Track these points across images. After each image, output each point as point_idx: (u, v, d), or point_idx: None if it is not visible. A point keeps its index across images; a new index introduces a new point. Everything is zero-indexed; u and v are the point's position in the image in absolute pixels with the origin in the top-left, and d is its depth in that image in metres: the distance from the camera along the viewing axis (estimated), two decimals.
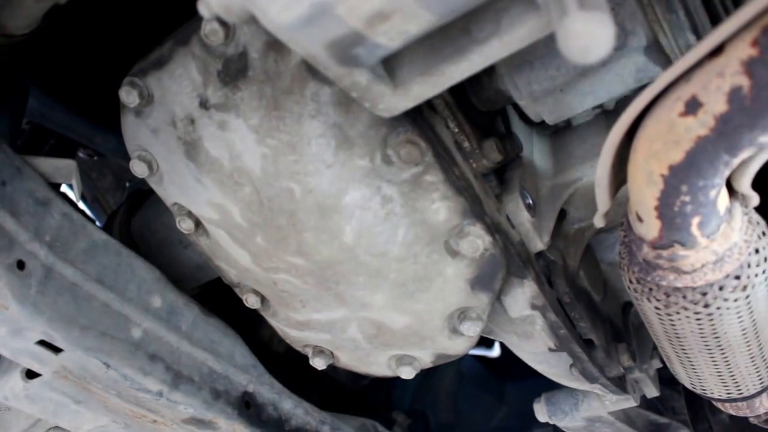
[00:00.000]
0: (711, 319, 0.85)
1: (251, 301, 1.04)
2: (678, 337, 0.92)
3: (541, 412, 1.28)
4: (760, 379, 0.99)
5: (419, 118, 0.87)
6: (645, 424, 1.36)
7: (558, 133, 1.12)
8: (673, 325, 0.89)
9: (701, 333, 0.88)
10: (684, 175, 0.71)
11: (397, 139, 0.83)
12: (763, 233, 0.84)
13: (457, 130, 0.91)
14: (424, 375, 2.10)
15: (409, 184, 0.86)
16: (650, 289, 0.86)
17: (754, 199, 0.82)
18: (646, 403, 1.39)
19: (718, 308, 0.83)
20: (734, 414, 1.14)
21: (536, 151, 1.08)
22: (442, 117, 0.90)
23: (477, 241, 0.88)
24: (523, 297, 0.98)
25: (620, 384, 1.17)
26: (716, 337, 0.89)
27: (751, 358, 0.94)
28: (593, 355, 1.09)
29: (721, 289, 0.82)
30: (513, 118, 1.07)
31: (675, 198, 0.73)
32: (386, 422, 1.77)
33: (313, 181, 0.86)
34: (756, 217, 0.84)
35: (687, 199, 0.73)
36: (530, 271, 0.97)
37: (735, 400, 1.05)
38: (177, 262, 1.18)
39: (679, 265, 0.81)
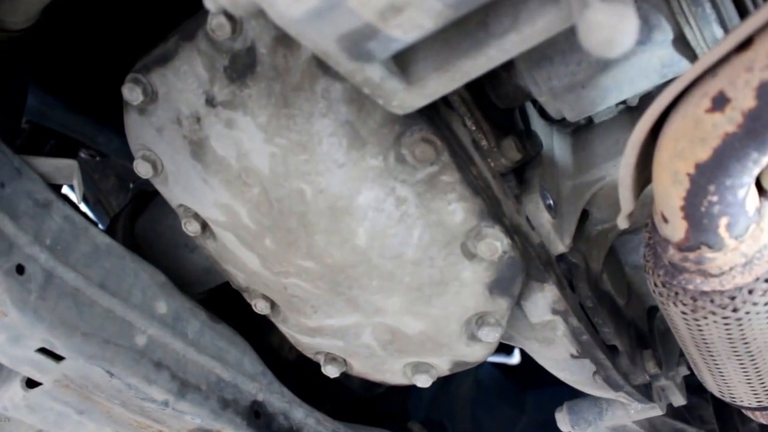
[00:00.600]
0: (740, 325, 0.85)
1: (260, 307, 1.04)
2: (705, 343, 0.91)
3: (564, 421, 1.27)
4: (758, 393, 0.99)
5: (435, 115, 0.87)
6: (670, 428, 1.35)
7: (580, 130, 1.12)
8: (700, 330, 0.88)
9: (729, 339, 0.88)
10: (711, 174, 0.71)
11: (411, 137, 0.83)
12: None
13: (474, 128, 0.91)
14: (441, 383, 2.09)
15: (424, 185, 0.86)
16: (676, 293, 0.85)
17: None
18: (672, 412, 1.38)
19: (747, 313, 0.83)
20: (765, 423, 1.13)
21: (557, 150, 1.08)
22: (459, 114, 0.90)
23: (495, 243, 0.88)
24: (543, 301, 0.98)
25: (646, 392, 1.16)
26: (745, 343, 0.88)
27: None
28: (617, 362, 1.09)
29: (750, 292, 0.82)
30: (533, 116, 1.07)
31: (702, 198, 0.73)
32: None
33: (324, 181, 0.87)
34: None
35: (714, 199, 0.73)
36: (551, 275, 0.97)
37: (765, 408, 1.04)
38: (183, 266, 1.19)
39: (706, 267, 0.81)
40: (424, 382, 1.04)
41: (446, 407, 2.13)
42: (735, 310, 0.83)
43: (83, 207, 2.29)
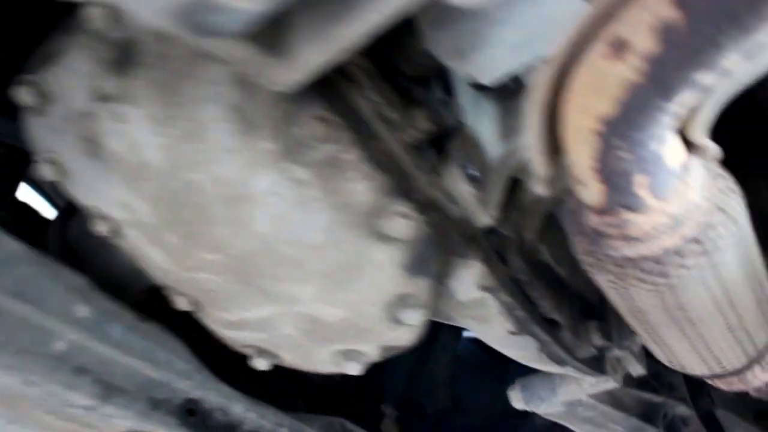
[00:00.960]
0: (673, 290, 0.78)
1: (182, 304, 0.99)
2: (641, 312, 0.85)
3: (517, 399, 1.22)
4: (744, 351, 0.92)
5: (331, 91, 0.81)
6: (637, 404, 1.29)
7: (509, 96, 1.05)
8: (632, 298, 0.82)
9: (664, 306, 0.81)
10: (619, 129, 0.64)
11: (304, 116, 0.78)
12: (729, 189, 0.76)
13: (379, 100, 0.85)
14: (417, 362, 2.05)
15: (324, 165, 0.80)
16: (601, 261, 0.79)
17: (712, 149, 0.74)
18: (637, 381, 1.32)
19: (679, 277, 0.76)
20: (727, 389, 1.07)
21: (485, 118, 1.01)
22: (360, 87, 0.83)
23: (405, 221, 0.82)
24: (469, 278, 0.92)
25: (596, 365, 1.10)
26: (682, 310, 0.82)
27: (729, 329, 0.87)
28: (559, 336, 1.03)
29: (679, 255, 0.75)
30: (459, 83, 1.00)
31: (613, 156, 0.66)
32: (375, 416, 1.73)
33: (218, 169, 0.81)
34: (719, 171, 0.77)
35: (626, 156, 0.66)
36: (476, 250, 0.91)
37: (721, 375, 0.98)
38: (113, 268, 1.14)
39: (629, 232, 0.75)
40: (354, 369, 0.99)
41: (424, 386, 2.07)
42: (665, 276, 0.76)
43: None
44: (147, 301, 1.15)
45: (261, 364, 1.03)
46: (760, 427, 1.31)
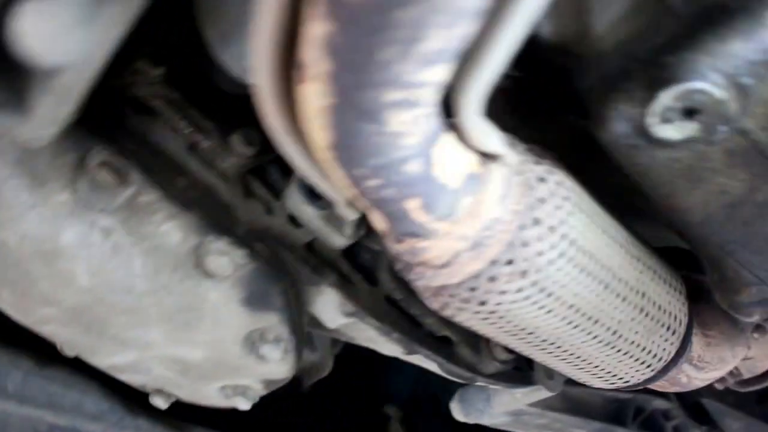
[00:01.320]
0: (502, 317, 0.68)
1: (66, 351, 0.97)
2: (496, 337, 0.75)
3: (457, 411, 1.12)
4: (639, 360, 0.79)
5: (121, 129, 0.75)
6: (601, 404, 1.16)
7: None
8: (472, 327, 0.72)
9: (506, 332, 0.71)
10: (349, 156, 0.55)
11: (92, 162, 0.72)
12: (543, 199, 0.65)
13: (190, 129, 0.78)
14: None
15: (125, 210, 0.75)
16: (419, 289, 0.69)
17: (506, 155, 0.63)
18: None
19: (499, 303, 0.65)
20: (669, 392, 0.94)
21: None
22: (165, 119, 0.77)
23: (224, 258, 0.75)
24: (330, 305, 0.84)
25: (515, 376, 0.99)
26: (531, 333, 0.71)
27: (605, 344, 0.75)
28: (456, 353, 0.93)
29: (493, 280, 0.64)
30: None
31: (363, 183, 0.57)
32: (379, 419, 1.68)
33: (24, 227, 0.77)
34: (534, 175, 0.65)
35: (376, 182, 0.57)
36: (329, 275, 0.83)
37: (636, 385, 0.85)
38: None
39: (425, 259, 0.65)
40: (243, 404, 0.94)
41: (440, 378, 1.96)
42: (483, 303, 0.66)
43: None
44: None
45: (159, 402, 1.00)
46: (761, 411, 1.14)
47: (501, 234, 0.63)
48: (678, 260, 0.86)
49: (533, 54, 0.62)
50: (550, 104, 0.78)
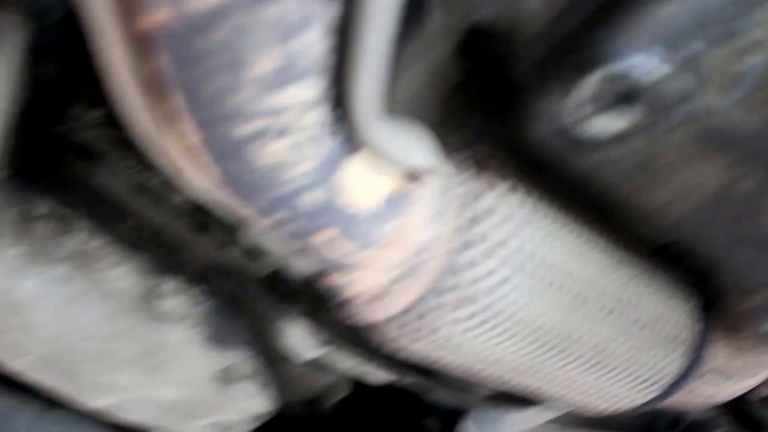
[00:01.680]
0: (461, 347, 0.62)
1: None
2: (463, 366, 0.69)
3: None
4: (639, 378, 0.71)
5: (63, 177, 0.73)
6: (629, 416, 1.06)
7: None
8: (435, 358, 0.66)
9: (475, 360, 0.65)
10: (241, 191, 0.50)
11: (37, 214, 0.71)
12: (488, 211, 0.58)
13: (139, 168, 0.76)
14: None
15: (78, 257, 0.74)
16: (364, 327, 0.65)
17: (436, 167, 0.56)
18: None
19: (457, 333, 0.60)
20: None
21: None
22: (108, 162, 0.75)
23: (178, 298, 0.73)
24: (301, 335, 0.80)
25: (517, 396, 0.91)
26: (501, 360, 0.65)
27: (592, 364, 0.67)
28: (445, 378, 0.87)
29: (439, 308, 0.59)
30: None
31: (269, 217, 0.53)
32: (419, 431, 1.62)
33: None
34: (475, 187, 0.59)
35: (282, 215, 0.52)
36: (298, 304, 0.79)
37: (644, 405, 0.77)
38: None
39: (357, 293, 0.60)
40: None
41: None
42: (436, 331, 0.60)
43: None
44: None
45: None
46: None
47: (438, 257, 0.57)
48: None
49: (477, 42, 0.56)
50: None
